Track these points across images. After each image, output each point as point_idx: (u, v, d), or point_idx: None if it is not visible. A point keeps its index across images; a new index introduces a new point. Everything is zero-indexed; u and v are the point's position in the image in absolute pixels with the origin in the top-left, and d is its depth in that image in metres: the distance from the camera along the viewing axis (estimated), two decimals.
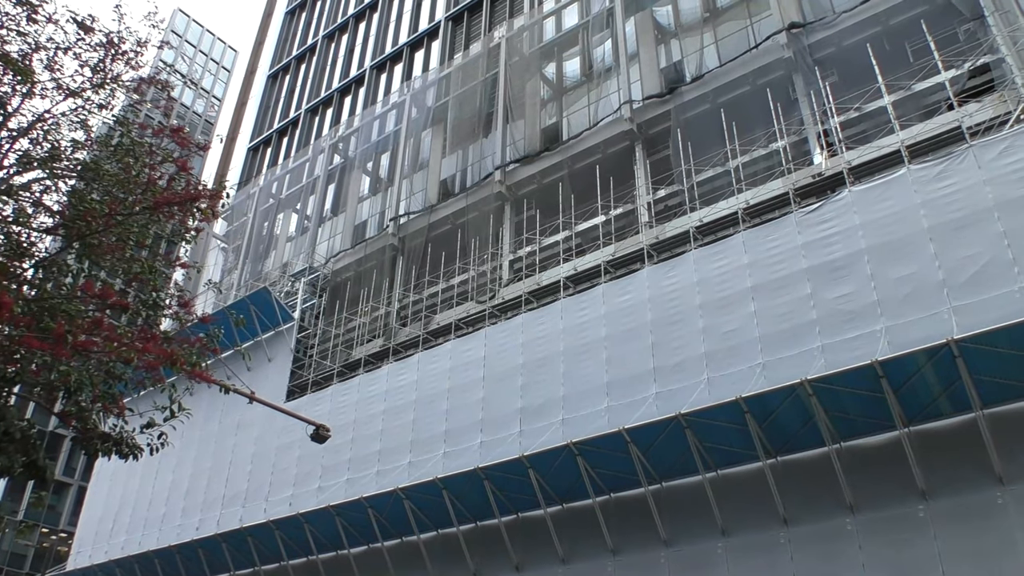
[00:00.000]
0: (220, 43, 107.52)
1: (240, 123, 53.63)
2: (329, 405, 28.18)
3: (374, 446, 25.88)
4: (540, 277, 26.25)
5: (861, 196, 18.89)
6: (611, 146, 27.83)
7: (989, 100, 19.97)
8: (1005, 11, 20.57)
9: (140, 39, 13.58)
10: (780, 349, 18.34)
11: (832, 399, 16.62)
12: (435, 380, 25.38)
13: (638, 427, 18.44)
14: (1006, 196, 16.71)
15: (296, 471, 27.87)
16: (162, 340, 12.57)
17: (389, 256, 33.01)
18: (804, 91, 23.70)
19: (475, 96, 34.14)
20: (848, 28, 23.69)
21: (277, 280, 36.83)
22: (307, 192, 40.76)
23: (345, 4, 50.35)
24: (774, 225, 20.34)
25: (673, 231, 23.45)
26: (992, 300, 15.82)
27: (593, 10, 32.02)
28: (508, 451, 21.34)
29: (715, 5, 28.84)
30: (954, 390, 15.82)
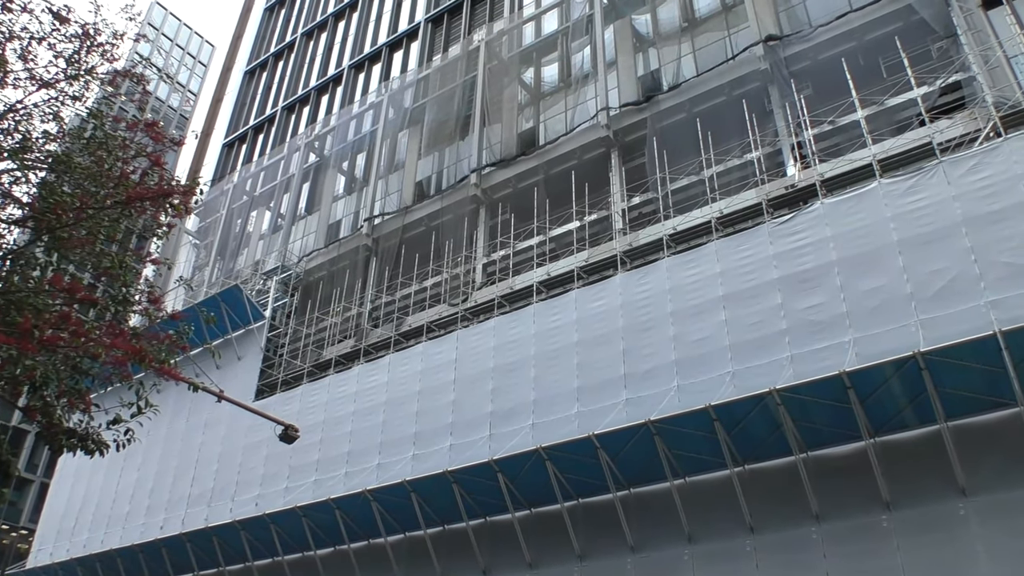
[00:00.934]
0: (197, 37, 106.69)
1: (215, 119, 53.30)
2: (298, 405, 28.01)
3: (343, 447, 25.75)
4: (513, 281, 26.27)
5: (833, 208, 19.10)
6: (587, 152, 27.93)
7: (960, 117, 20.29)
8: (977, 30, 20.92)
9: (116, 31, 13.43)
10: (750, 358, 18.49)
11: (800, 409, 16.78)
12: (406, 382, 25.30)
13: (607, 433, 18.50)
14: (974, 212, 16.97)
15: (263, 471, 27.65)
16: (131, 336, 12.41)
17: (362, 256, 32.89)
18: (779, 103, 23.94)
19: (453, 98, 34.13)
20: (824, 42, 23.97)
21: (249, 278, 36.57)
22: (281, 190, 40.52)
23: (325, 2, 50.17)
24: (747, 235, 20.51)
25: (647, 238, 23.58)
26: (958, 314, 16.04)
27: (573, 16, 32.15)
28: (477, 455, 21.32)
29: (693, 15, 29.07)
30: (920, 402, 16.03)
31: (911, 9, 22.59)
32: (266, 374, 31.45)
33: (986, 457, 15.62)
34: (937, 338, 15.56)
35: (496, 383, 22.92)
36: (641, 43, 30.21)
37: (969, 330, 15.20)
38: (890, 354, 15.69)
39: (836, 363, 16.41)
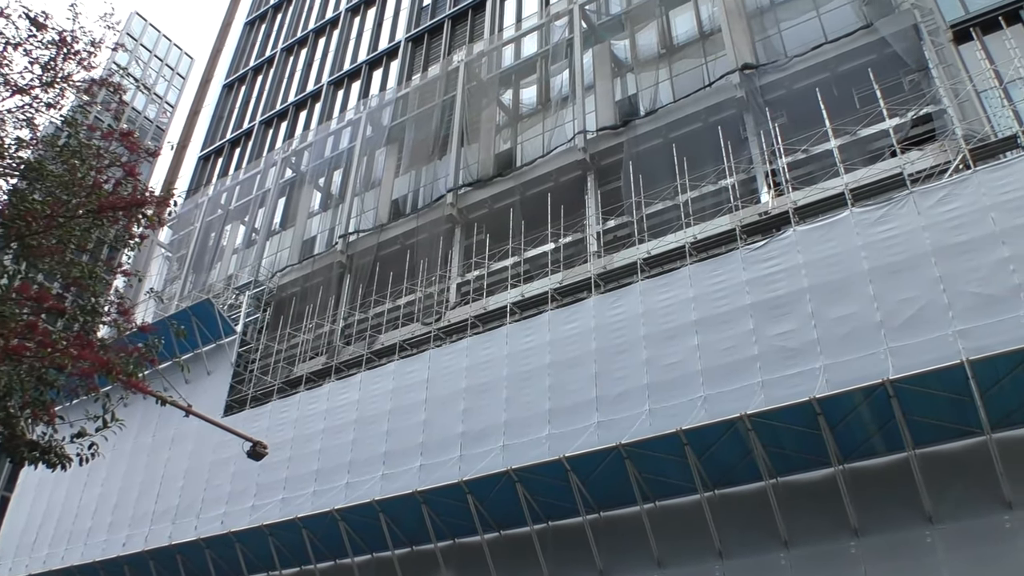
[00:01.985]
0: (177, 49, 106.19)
1: (192, 131, 53.02)
2: (268, 422, 27.72)
3: (312, 465, 25.48)
4: (487, 302, 26.25)
5: (805, 236, 19.30)
6: (563, 175, 28.05)
7: (930, 149, 20.62)
8: (948, 64, 21.32)
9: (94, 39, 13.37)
10: (721, 383, 18.55)
11: (770, 434, 16.85)
12: (376, 401, 25.14)
13: (578, 456, 18.46)
14: (943, 242, 17.21)
15: (230, 488, 27.29)
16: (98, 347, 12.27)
17: (336, 273, 32.75)
18: (754, 131, 24.20)
19: (431, 118, 34.20)
20: (799, 72, 24.31)
21: (221, 292, 36.27)
22: (256, 204, 40.32)
23: (306, 19, 50.24)
24: (720, 260, 20.64)
25: (621, 262, 23.67)
26: (927, 343, 16.22)
27: (552, 40, 32.39)
28: (447, 475, 21.18)
29: (671, 42, 29.39)
30: (888, 429, 16.15)
31: (884, 42, 22.98)
32: (236, 390, 31.12)
33: (952, 485, 15.76)
34: (906, 366, 15.71)
35: (468, 403, 22.83)
36: (619, 68, 30.48)
37: (937, 359, 15.37)
38: (860, 381, 15.81)
39: (807, 389, 16.51)
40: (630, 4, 31.25)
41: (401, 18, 42.88)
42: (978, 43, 21.37)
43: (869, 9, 24.47)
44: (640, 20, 30.73)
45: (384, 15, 44.73)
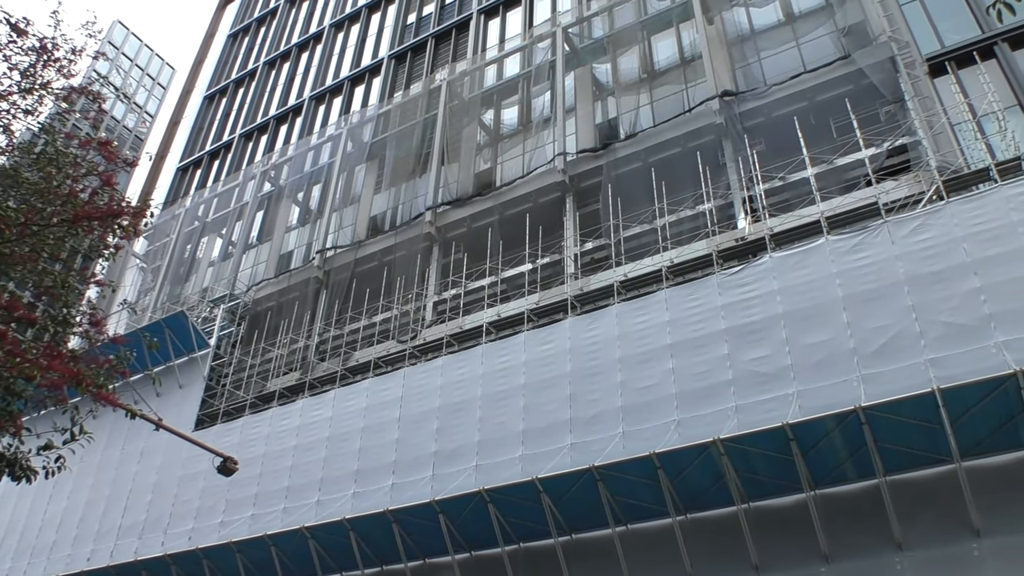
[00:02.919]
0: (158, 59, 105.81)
1: (171, 142, 52.51)
2: (239, 437, 27.44)
3: (282, 482, 25.23)
4: (463, 321, 26.21)
5: (781, 262, 19.45)
6: (542, 196, 28.15)
7: (905, 179, 20.92)
8: (924, 97, 21.68)
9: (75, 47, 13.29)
10: (695, 407, 18.59)
11: (743, 459, 16.89)
12: (350, 418, 24.96)
13: (551, 477, 18.41)
14: (916, 272, 17.41)
15: (199, 504, 26.94)
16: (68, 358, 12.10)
17: (312, 289, 32.59)
18: (732, 157, 24.43)
19: (412, 136, 34.26)
20: (777, 100, 24.61)
21: (196, 305, 35.97)
22: (234, 217, 40.10)
23: (289, 33, 50.26)
24: (696, 285, 20.75)
25: (598, 284, 23.73)
26: (899, 371, 16.35)
27: (535, 61, 32.59)
28: (419, 495, 21.05)
29: (653, 67, 29.67)
30: (859, 456, 16.24)
31: (862, 73, 23.33)
32: (207, 404, 30.80)
33: (922, 512, 15.86)
34: (878, 393, 15.82)
35: (441, 423, 22.72)
36: (601, 91, 30.70)
37: (909, 386, 15.50)
38: (832, 407, 15.90)
39: (780, 415, 16.59)
40: (613, 28, 31.56)
41: (385, 35, 43.01)
42: (953, 77, 21.76)
43: (847, 40, 24.86)
44: (622, 45, 31.02)
45: (368, 32, 44.86)
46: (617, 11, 32.04)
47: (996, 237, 16.94)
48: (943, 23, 23.27)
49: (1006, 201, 17.24)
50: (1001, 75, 21.34)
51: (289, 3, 52.86)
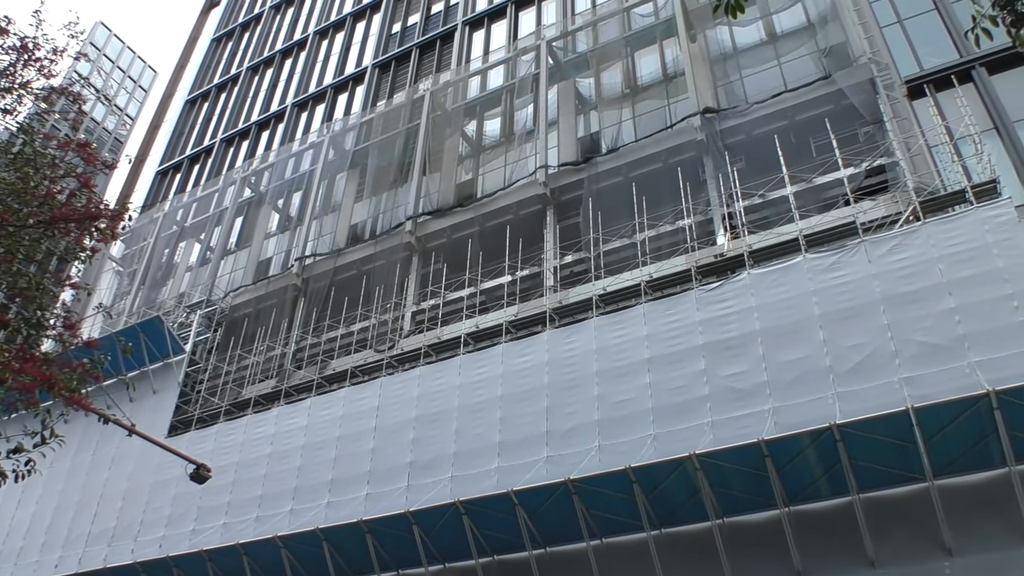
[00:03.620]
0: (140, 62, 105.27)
1: (151, 145, 52.14)
2: (213, 444, 27.19)
3: (256, 490, 25.01)
4: (441, 331, 26.15)
5: (759, 279, 19.56)
6: (523, 208, 28.19)
7: (882, 199, 21.13)
8: (902, 118, 21.93)
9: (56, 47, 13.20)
10: (671, 422, 18.63)
11: (718, 474, 16.93)
12: (325, 427, 24.80)
13: (526, 490, 18.37)
14: (892, 291, 17.56)
15: (170, 511, 26.65)
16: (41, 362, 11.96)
17: (291, 296, 32.42)
18: (713, 174, 24.58)
19: (394, 145, 34.24)
20: (758, 119, 24.80)
21: (172, 310, 35.67)
22: (213, 223, 39.85)
23: (274, 39, 50.18)
24: (674, 300, 20.82)
25: (576, 297, 23.77)
26: (874, 389, 16.47)
27: (518, 74, 32.69)
28: (394, 505, 20.94)
29: (636, 83, 29.83)
30: (833, 473, 16.32)
31: (842, 94, 23.57)
32: (182, 410, 30.53)
33: (895, 530, 15.95)
34: (853, 411, 15.92)
35: (417, 433, 22.63)
36: (583, 105, 30.84)
37: (883, 405, 15.61)
38: (807, 424, 15.98)
39: (755, 431, 16.64)
40: (597, 43, 31.73)
41: (369, 44, 43.02)
42: (931, 99, 22.03)
43: (828, 61, 25.11)
44: (606, 60, 31.20)
45: (352, 40, 44.86)
46: (601, 26, 32.22)
47: (971, 258, 17.13)
48: (922, 47, 23.57)
49: (981, 223, 17.44)
50: (978, 99, 21.63)
51: (274, 9, 52.79)
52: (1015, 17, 7.22)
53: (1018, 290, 16.21)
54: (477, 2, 39.88)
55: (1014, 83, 21.65)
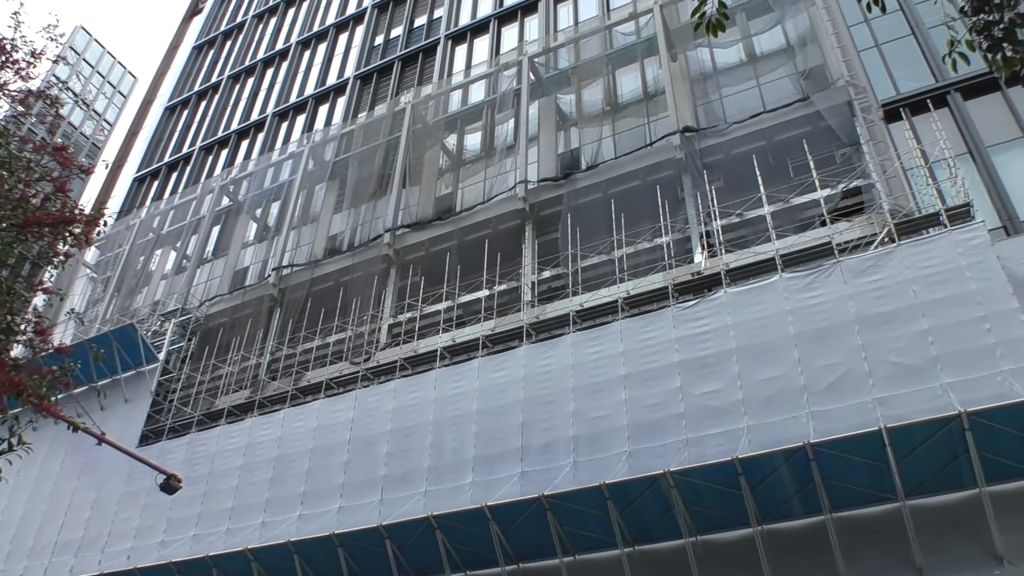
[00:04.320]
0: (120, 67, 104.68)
1: (129, 151, 51.72)
2: (184, 454, 26.88)
3: (227, 502, 24.74)
4: (418, 344, 26.06)
5: (735, 298, 19.66)
6: (502, 223, 28.20)
7: (858, 221, 21.34)
8: (878, 141, 22.19)
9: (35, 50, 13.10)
10: (646, 439, 18.64)
11: (692, 492, 16.94)
12: (299, 439, 24.60)
13: (500, 505, 18.29)
14: (867, 312, 17.71)
15: (139, 522, 26.30)
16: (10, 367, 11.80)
17: (266, 306, 32.19)
18: (691, 192, 24.72)
19: (374, 157, 34.19)
20: (737, 138, 25.00)
21: (146, 318, 35.32)
22: (190, 231, 39.56)
23: (255, 48, 50.07)
24: (651, 317, 20.88)
25: (554, 312, 23.78)
26: (847, 409, 16.58)
27: (500, 89, 32.80)
28: (367, 519, 20.77)
29: (616, 100, 30.00)
30: (807, 492, 16.37)
31: (819, 116, 23.82)
32: (153, 419, 30.16)
33: (867, 550, 16.02)
34: (826, 430, 16.00)
35: (392, 447, 22.50)
36: (564, 121, 30.97)
37: (857, 424, 15.69)
38: (781, 443, 16.04)
39: (730, 449, 16.69)
40: (578, 60, 31.90)
41: (351, 55, 43.02)
42: (907, 123, 22.32)
43: (807, 83, 25.38)
44: (587, 77, 31.37)
45: (335, 51, 44.85)
46: (583, 44, 32.41)
47: (944, 281, 17.32)
48: (899, 71, 23.90)
49: (955, 246, 17.64)
50: (953, 123, 21.94)
51: (256, 18, 52.70)
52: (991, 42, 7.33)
53: (990, 313, 16.40)
54: (460, 17, 40.05)
55: (988, 108, 21.99)
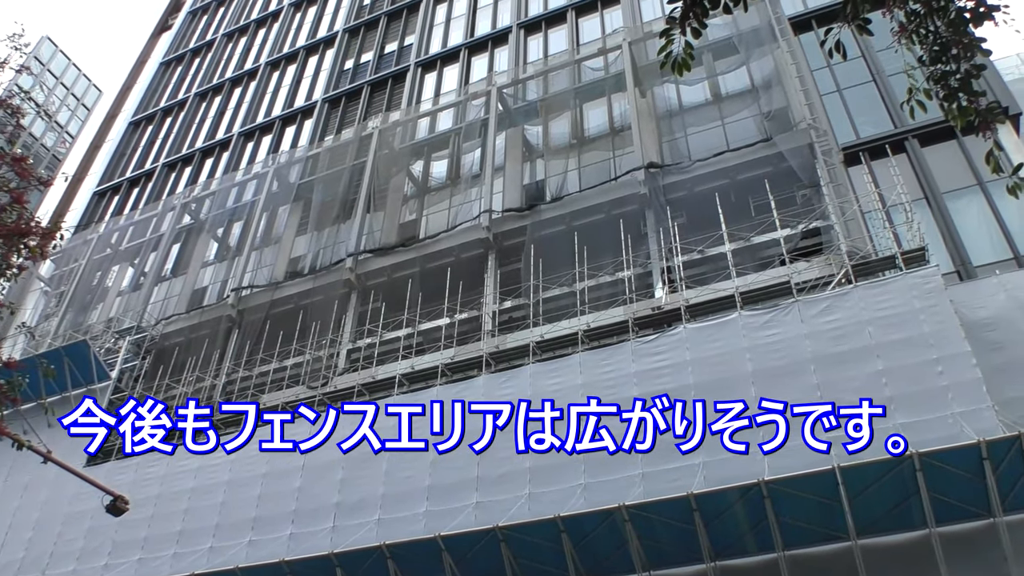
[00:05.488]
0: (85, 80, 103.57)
1: (90, 165, 51.00)
2: (133, 476, 26.28)
3: (175, 526, 24.21)
4: (376, 371, 25.84)
5: (694, 334, 19.79)
6: (465, 251, 28.20)
7: (816, 261, 21.68)
8: (838, 184, 22.62)
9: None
10: (602, 472, 18.58)
11: (646, 527, 16.92)
12: (252, 463, 24.15)
13: (454, 535, 18.13)
14: (823, 351, 17.92)
15: (83, 544, 25.62)
16: None
17: (224, 327, 31.78)
18: (654, 227, 24.93)
19: (339, 181, 34.07)
20: (701, 176, 25.32)
21: (100, 335, 34.67)
22: (148, 248, 39.01)
23: (224, 67, 49.86)
24: (611, 350, 20.93)
25: (514, 343, 23.75)
26: (803, 447, 16.67)
27: (468, 118, 32.94)
28: (318, 546, 20.44)
29: (583, 134, 30.28)
30: (760, 529, 16.44)
31: (781, 157, 24.23)
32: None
33: None
34: (781, 468, 16.09)
35: (346, 473, 22.19)
36: (530, 153, 31.16)
37: (811, 463, 15.80)
38: (737, 480, 16.11)
39: (685, 484, 16.72)
40: (547, 93, 32.20)
41: (321, 78, 43.01)
42: (866, 167, 22.83)
43: (770, 124, 25.82)
44: (555, 109, 31.64)
45: (304, 73, 44.81)
46: (552, 77, 32.74)
47: (899, 323, 17.61)
48: (859, 116, 24.46)
49: (910, 289, 17.97)
50: (910, 169, 22.47)
51: (227, 37, 52.54)
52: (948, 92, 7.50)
53: (943, 355, 16.68)
54: (431, 45, 40.28)
55: (944, 155, 22.57)
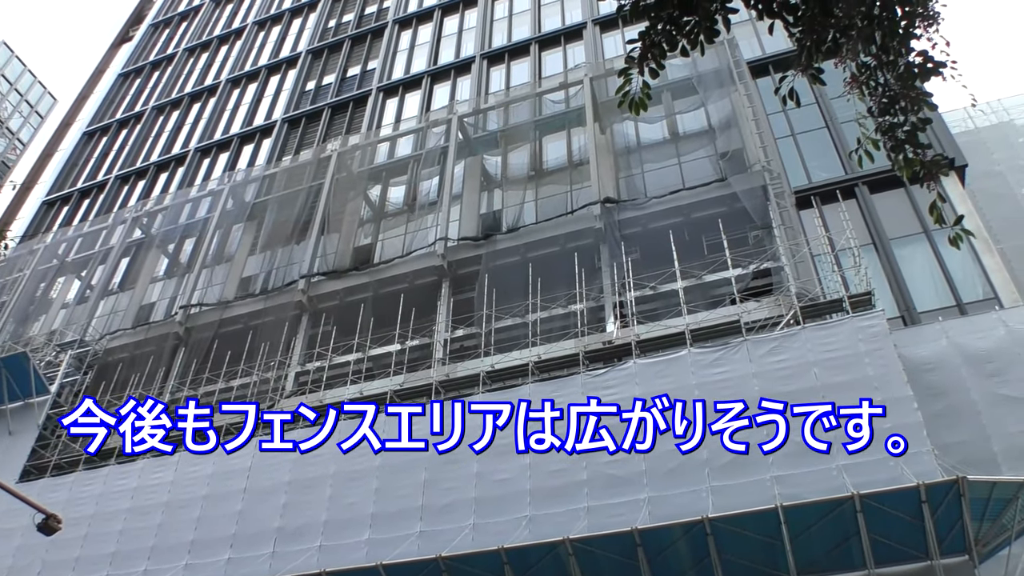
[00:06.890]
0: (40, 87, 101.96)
1: (41, 173, 50.03)
2: (68, 494, 25.57)
3: (109, 547, 23.55)
4: (324, 394, 25.52)
5: (644, 369, 19.91)
6: (419, 278, 28.13)
7: (766, 301, 22.00)
8: (789, 226, 23.02)
9: None
10: (548, 505, 18.53)
11: (590, 561, 16.87)
12: (192, 484, 23.67)
13: (395, 564, 17.90)
14: (770, 390, 18.02)
15: (11, 563, 24.80)
16: None
17: (171, 344, 31.21)
18: (608, 262, 25.12)
19: (295, 201, 33.84)
20: (655, 213, 25.61)
21: (40, 347, 33.82)
22: (96, 261, 38.26)
23: (184, 81, 49.49)
24: (560, 383, 20.95)
25: (464, 372, 23.66)
26: (746, 485, 16.81)
27: (427, 145, 32.99)
28: (257, 571, 20.05)
29: (541, 166, 30.51)
30: (703, 566, 16.47)
31: (735, 197, 24.63)
32: (38, 454, 28.69)
33: None
34: (725, 505, 16.20)
35: (289, 498, 21.83)
36: (488, 182, 31.28)
37: (754, 501, 15.94)
38: (681, 516, 16.17)
39: (629, 519, 16.73)
40: (507, 124, 32.43)
41: (281, 98, 42.86)
42: (817, 211, 23.31)
43: (725, 165, 26.26)
44: (514, 140, 31.86)
45: (265, 92, 44.62)
46: (513, 108, 32.98)
47: (844, 365, 17.91)
48: (812, 161, 25.01)
49: (856, 332, 18.30)
50: (859, 214, 23.01)
51: (188, 52, 52.20)
52: (895, 143, 7.69)
53: (886, 398, 16.93)
54: (394, 71, 40.42)
55: (892, 203, 23.15)
